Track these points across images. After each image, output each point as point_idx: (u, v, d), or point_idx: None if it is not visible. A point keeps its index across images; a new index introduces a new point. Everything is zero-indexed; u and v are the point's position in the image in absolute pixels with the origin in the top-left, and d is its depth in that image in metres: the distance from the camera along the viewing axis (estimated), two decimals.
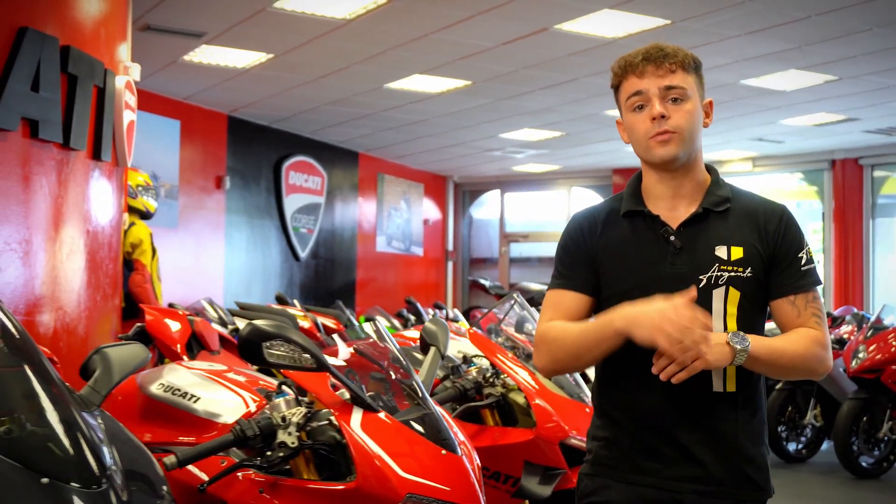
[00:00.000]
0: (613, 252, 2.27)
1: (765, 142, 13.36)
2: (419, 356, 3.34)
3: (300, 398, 2.54)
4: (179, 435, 2.69)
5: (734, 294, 2.21)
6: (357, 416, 2.46)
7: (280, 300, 9.00)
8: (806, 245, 2.28)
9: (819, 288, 2.29)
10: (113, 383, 2.09)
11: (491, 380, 3.59)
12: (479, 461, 2.66)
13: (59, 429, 1.83)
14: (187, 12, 7.81)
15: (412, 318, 10.74)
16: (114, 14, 5.75)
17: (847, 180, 14.08)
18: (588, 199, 17.06)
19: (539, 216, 17.91)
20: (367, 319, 10.39)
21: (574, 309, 2.28)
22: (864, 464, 7.80)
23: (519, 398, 3.56)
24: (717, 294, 2.20)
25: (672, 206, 2.28)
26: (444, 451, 2.51)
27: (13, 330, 1.97)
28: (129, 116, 5.85)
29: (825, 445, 8.68)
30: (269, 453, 2.40)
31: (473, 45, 8.62)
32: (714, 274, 2.20)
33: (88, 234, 5.32)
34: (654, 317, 2.04)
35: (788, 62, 9.02)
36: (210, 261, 11.80)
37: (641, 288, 2.19)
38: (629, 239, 2.27)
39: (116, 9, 5.82)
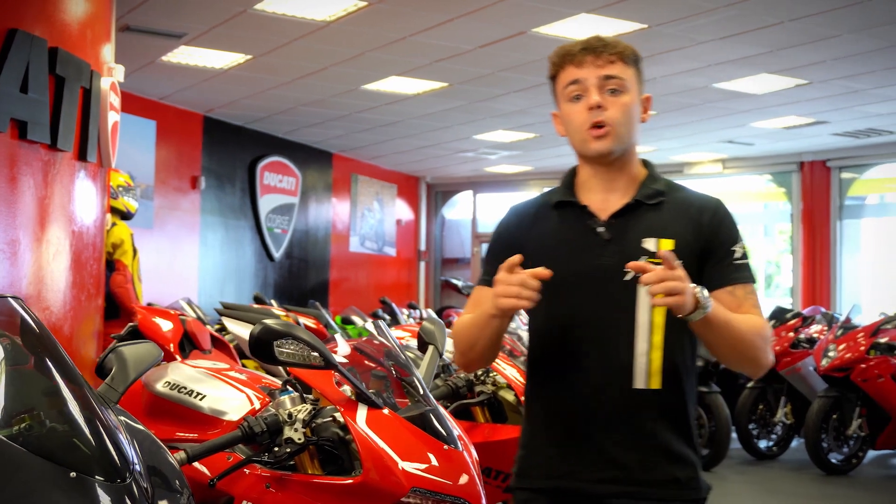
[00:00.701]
0: (542, 244, 2.23)
1: (735, 144, 13.55)
2: (410, 354, 3.41)
3: (304, 396, 2.61)
4: (185, 431, 2.74)
5: None
6: (362, 412, 2.53)
7: (258, 300, 9.03)
8: (741, 240, 2.23)
9: (755, 286, 2.24)
10: (129, 381, 2.15)
11: (482, 378, 3.67)
12: (476, 456, 2.74)
13: (83, 424, 1.89)
14: (168, 13, 7.83)
15: (387, 318, 10.79)
16: (99, 15, 5.77)
17: (815, 182, 14.30)
18: None
19: None
20: (344, 320, 10.45)
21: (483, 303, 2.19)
22: (833, 460, 7.96)
23: (508, 396, 3.64)
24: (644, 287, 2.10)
25: (604, 199, 2.23)
26: (445, 447, 2.59)
27: (34, 326, 2.02)
28: (113, 117, 5.87)
29: (795, 442, 8.85)
30: (276, 449, 2.47)
31: (451, 48, 8.71)
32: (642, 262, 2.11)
33: (74, 234, 5.34)
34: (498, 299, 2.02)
35: (760, 66, 9.17)
36: (185, 261, 11.80)
37: (569, 280, 2.15)
38: (558, 230, 2.24)
39: (101, 10, 5.84)
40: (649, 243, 2.09)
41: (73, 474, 1.79)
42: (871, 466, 8.29)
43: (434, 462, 2.52)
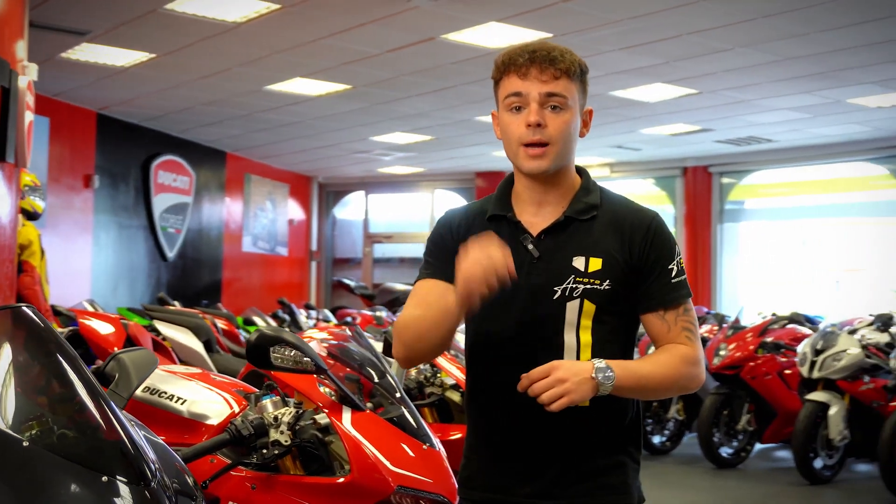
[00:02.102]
0: None
1: (623, 149, 14.00)
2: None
3: (286, 399, 2.69)
4: (166, 436, 2.78)
5: (589, 307, 2.12)
6: (347, 414, 2.64)
7: (162, 301, 8.94)
8: (677, 256, 2.18)
9: (689, 301, 2.21)
10: (133, 387, 2.21)
11: (431, 380, 3.79)
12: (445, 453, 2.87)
13: (108, 428, 1.94)
14: (75, 11, 7.71)
15: (287, 318, 10.80)
16: (13, 13, 5.68)
17: (697, 187, 14.88)
18: (451, 200, 17.43)
19: (403, 217, 18.18)
20: (245, 321, 10.41)
21: (436, 295, 2.15)
22: (724, 454, 8.34)
23: (454, 396, 3.78)
24: (571, 307, 2.11)
25: (536, 213, 2.19)
26: (424, 446, 2.71)
27: (47, 334, 2.06)
28: (28, 117, 5.79)
29: (686, 438, 9.22)
30: (264, 451, 2.54)
31: (359, 52, 8.80)
32: (569, 286, 2.11)
33: None
34: (460, 274, 1.98)
35: (656, 76, 9.54)
36: (78, 261, 11.56)
37: (497, 297, 2.06)
38: None
39: (15, 8, 5.75)
40: (578, 262, 2.12)
41: (104, 478, 1.84)
42: (758, 459, 8.71)
43: (415, 461, 2.64)
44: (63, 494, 1.79)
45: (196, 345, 4.95)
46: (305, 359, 2.57)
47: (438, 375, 3.80)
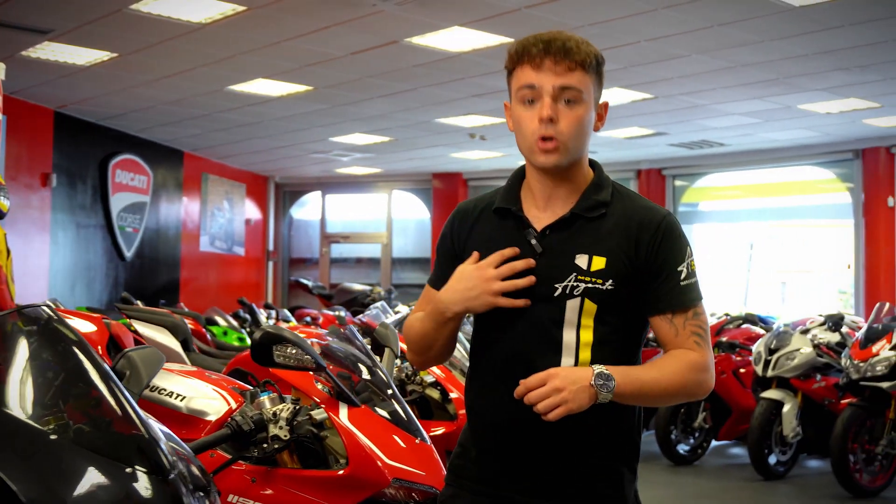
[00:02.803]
0: (478, 250, 2.15)
1: None
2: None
3: (283, 396, 2.79)
4: None
5: (590, 306, 2.08)
6: (343, 410, 2.74)
7: (126, 301, 8.94)
8: (688, 258, 2.13)
9: (700, 305, 2.15)
10: (144, 383, 2.29)
11: (411, 378, 3.90)
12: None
13: (129, 423, 2.03)
14: (38, 9, 7.69)
15: (248, 318, 10.83)
16: None
17: (651, 189, 15.13)
18: (408, 201, 17.54)
19: (360, 217, 18.25)
20: (207, 320, 10.42)
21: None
22: (680, 451, 8.54)
23: (434, 393, 3.89)
24: (571, 305, 2.08)
25: (545, 207, 2.16)
26: (417, 440, 2.82)
27: (69, 331, 2.14)
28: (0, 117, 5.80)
29: (644, 435, 9.41)
30: (265, 446, 2.64)
31: (323, 54, 8.87)
32: (570, 284, 2.08)
33: None
34: (457, 288, 2.09)
35: (614, 81, 9.72)
36: (35, 260, 11.48)
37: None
38: (496, 238, 2.15)
39: None
40: (581, 260, 2.08)
41: (127, 469, 1.93)
42: (713, 456, 8.92)
43: (409, 454, 2.75)
44: (90, 485, 1.88)
45: (174, 344, 5.01)
46: (306, 357, 2.67)
47: (419, 373, 3.90)
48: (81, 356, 2.09)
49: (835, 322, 8.08)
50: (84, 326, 4.13)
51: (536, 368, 2.04)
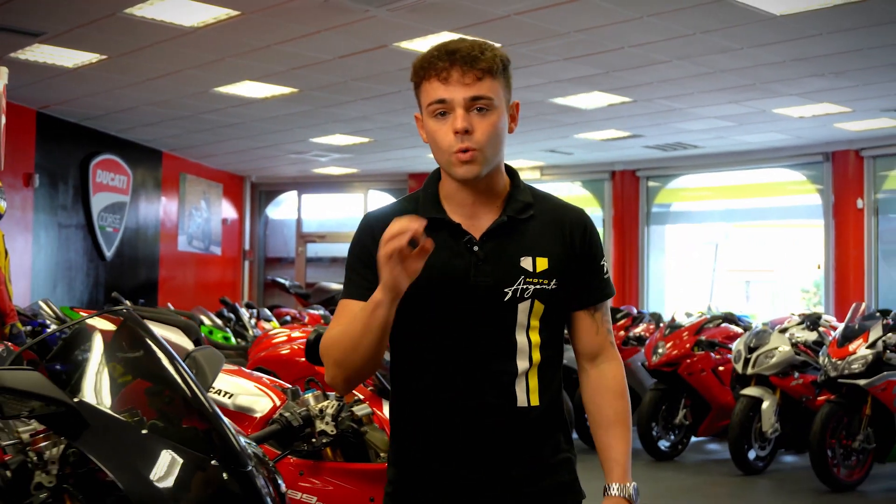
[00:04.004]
0: None
1: (555, 153, 14.42)
2: None
3: (326, 393, 2.93)
4: None
5: (538, 307, 2.11)
6: (386, 405, 2.90)
7: (115, 301, 9.02)
8: (603, 252, 2.23)
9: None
10: (210, 382, 2.44)
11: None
12: None
13: (208, 417, 2.17)
14: (32, 12, 7.75)
15: (233, 317, 10.92)
16: None
17: (625, 190, 15.39)
18: (384, 201, 17.66)
19: (336, 217, 18.37)
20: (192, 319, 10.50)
21: (359, 309, 2.07)
22: (661, 447, 8.75)
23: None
24: (523, 308, 2.10)
25: (472, 214, 2.14)
26: None
27: (150, 334, 2.27)
28: (1, 120, 5.87)
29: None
30: (313, 440, 2.78)
31: (311, 57, 8.98)
32: (520, 287, 2.10)
33: None
34: (380, 257, 1.94)
35: (595, 85, 9.94)
36: (18, 260, 11.47)
37: (442, 301, 2.09)
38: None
39: None
40: (526, 262, 2.11)
41: (213, 461, 2.07)
42: (693, 452, 9.14)
43: None
44: (182, 476, 2.02)
45: (188, 344, 5.08)
46: None
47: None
48: (161, 355, 2.23)
49: (812, 321, 8.33)
50: (108, 327, 4.23)
51: (493, 372, 2.10)
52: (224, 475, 2.07)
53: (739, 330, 9.11)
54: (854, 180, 13.16)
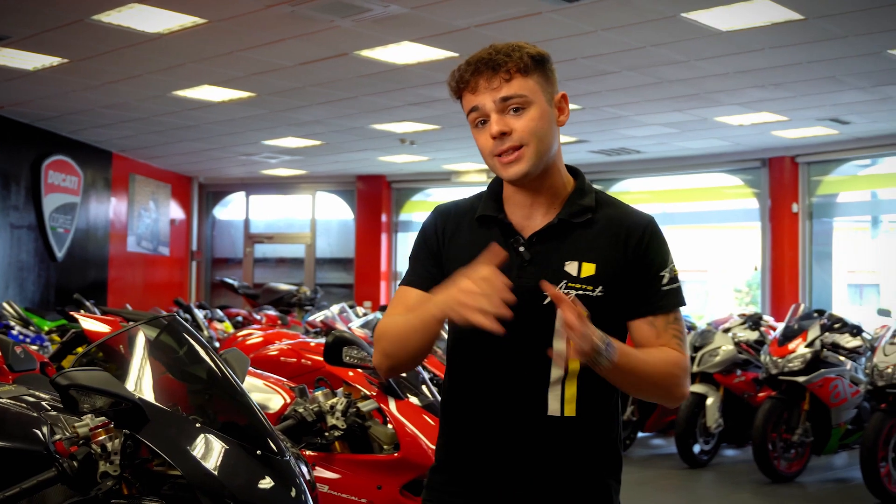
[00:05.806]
0: (460, 257, 2.09)
1: None
2: None
3: (335, 391, 3.18)
4: None
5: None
6: (392, 403, 3.16)
7: (78, 303, 9.10)
8: (670, 263, 2.12)
9: (683, 309, 2.17)
10: (241, 380, 2.68)
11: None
12: None
13: (249, 412, 2.42)
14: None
15: (188, 317, 11.03)
16: None
17: None
18: (331, 202, 17.85)
19: (283, 217, 18.50)
20: None
21: (416, 303, 2.10)
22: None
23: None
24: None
25: (529, 215, 2.13)
26: None
27: (195, 336, 2.50)
28: None
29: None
30: (326, 434, 3.03)
31: (272, 63, 9.17)
32: (560, 291, 2.01)
33: None
34: (455, 294, 1.88)
35: None
36: None
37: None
38: (480, 246, 2.03)
39: None
40: (571, 267, 2.06)
41: (258, 451, 2.32)
42: (639, 447, 9.51)
43: None
44: (233, 463, 2.26)
45: None
46: (369, 358, 3.08)
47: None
48: (206, 356, 2.47)
49: (754, 322, 8.75)
50: (105, 329, 4.39)
51: (526, 380, 2.08)
52: (269, 464, 2.31)
53: None
54: (789, 185, 13.70)
